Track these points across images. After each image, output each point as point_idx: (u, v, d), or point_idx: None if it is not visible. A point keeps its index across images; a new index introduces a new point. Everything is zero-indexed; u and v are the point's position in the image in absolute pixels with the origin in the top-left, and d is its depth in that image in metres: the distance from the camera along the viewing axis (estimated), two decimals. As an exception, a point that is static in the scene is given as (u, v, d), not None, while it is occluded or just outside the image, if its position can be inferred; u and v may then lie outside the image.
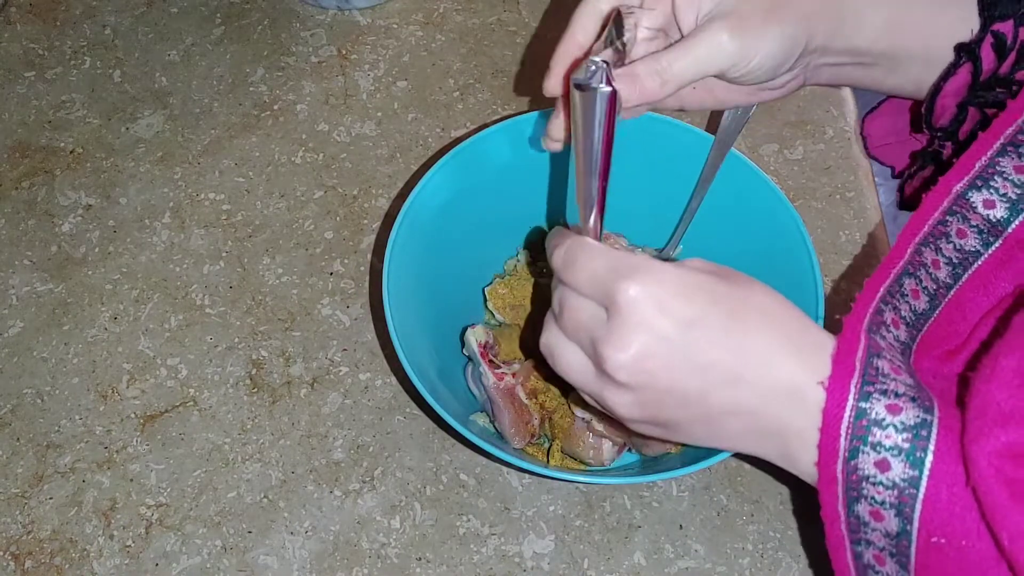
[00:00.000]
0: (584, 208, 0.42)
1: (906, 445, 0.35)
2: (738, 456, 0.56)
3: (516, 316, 0.57)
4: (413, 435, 0.57)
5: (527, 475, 0.56)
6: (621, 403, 0.39)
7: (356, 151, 0.69)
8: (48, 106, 0.72)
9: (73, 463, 0.56)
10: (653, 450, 0.53)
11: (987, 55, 0.46)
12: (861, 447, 0.36)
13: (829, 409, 0.36)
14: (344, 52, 0.74)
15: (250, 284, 0.63)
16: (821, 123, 0.70)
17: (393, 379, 0.59)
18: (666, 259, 0.41)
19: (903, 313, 0.43)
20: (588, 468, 0.54)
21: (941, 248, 0.43)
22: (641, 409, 0.39)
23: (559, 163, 0.56)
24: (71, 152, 0.70)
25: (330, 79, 0.73)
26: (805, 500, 0.55)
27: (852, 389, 0.36)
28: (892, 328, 0.42)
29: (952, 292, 0.44)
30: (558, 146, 0.47)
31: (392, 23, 0.76)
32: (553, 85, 0.46)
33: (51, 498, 0.55)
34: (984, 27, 0.46)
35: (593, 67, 0.38)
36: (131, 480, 0.56)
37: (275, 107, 0.71)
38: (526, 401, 0.53)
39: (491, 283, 0.58)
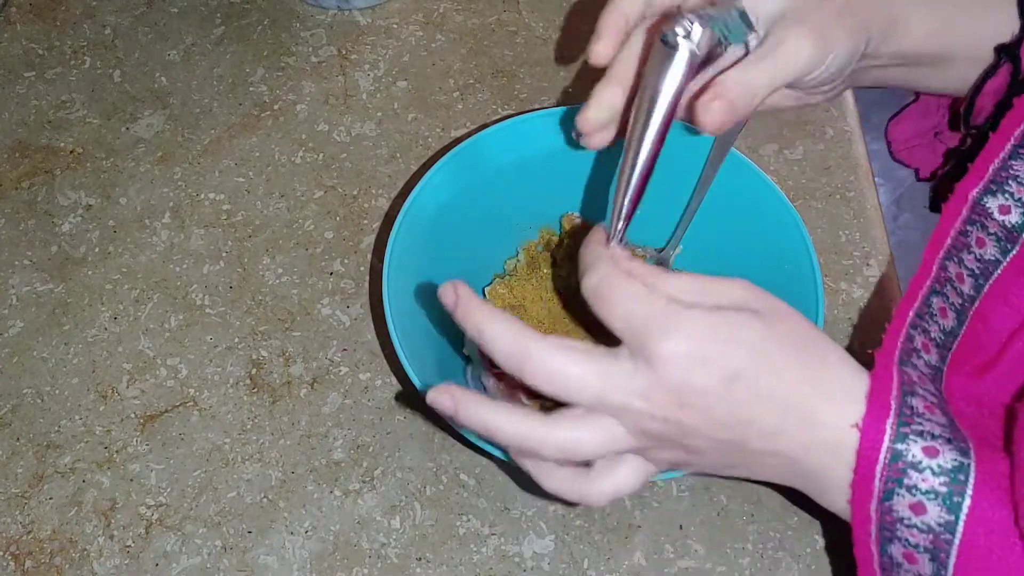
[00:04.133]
0: (621, 194, 0.40)
1: (943, 489, 0.34)
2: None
3: (516, 316, 0.56)
4: (413, 435, 0.57)
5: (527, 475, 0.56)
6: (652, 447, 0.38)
7: (356, 151, 0.69)
8: (48, 106, 0.72)
9: (73, 463, 0.56)
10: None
11: None
12: (896, 489, 0.35)
13: (863, 450, 0.35)
14: (344, 52, 0.74)
15: (250, 284, 0.63)
16: (821, 123, 0.70)
17: (393, 379, 0.59)
18: (667, 265, 0.40)
19: (933, 335, 0.42)
20: (588, 468, 0.54)
21: (964, 260, 0.42)
22: (671, 451, 0.39)
23: (561, 163, 0.56)
24: (71, 152, 0.70)
25: (330, 79, 0.73)
26: (806, 500, 0.55)
27: (888, 430, 0.35)
28: (923, 353, 0.41)
29: (975, 305, 0.43)
30: (601, 138, 0.44)
31: (392, 23, 0.76)
32: (603, 49, 0.42)
33: (51, 498, 0.55)
34: None
35: (687, 25, 0.36)
36: (131, 480, 0.56)
37: (275, 107, 0.71)
38: (526, 401, 0.53)
39: (491, 283, 0.58)
